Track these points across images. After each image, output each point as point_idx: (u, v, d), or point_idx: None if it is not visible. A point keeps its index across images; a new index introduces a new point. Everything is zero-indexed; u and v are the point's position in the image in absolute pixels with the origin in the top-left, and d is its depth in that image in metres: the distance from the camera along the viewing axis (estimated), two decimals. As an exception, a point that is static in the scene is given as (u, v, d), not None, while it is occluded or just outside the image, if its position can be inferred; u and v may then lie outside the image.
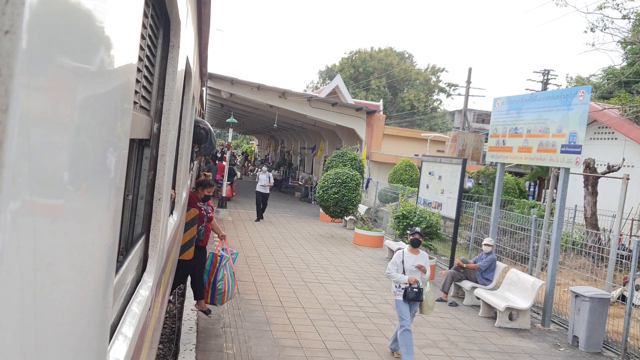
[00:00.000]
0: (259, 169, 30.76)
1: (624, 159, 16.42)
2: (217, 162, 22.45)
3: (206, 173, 7.88)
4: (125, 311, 2.33)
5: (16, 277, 0.69)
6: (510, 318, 9.24)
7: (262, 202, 18.68)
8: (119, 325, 2.14)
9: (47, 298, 0.83)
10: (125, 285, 2.45)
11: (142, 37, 2.19)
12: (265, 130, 43.63)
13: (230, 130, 22.62)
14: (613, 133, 20.13)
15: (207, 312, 7.57)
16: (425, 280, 7.20)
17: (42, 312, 0.81)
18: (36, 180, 0.74)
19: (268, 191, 18.96)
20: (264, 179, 19.05)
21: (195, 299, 7.69)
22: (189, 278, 7.91)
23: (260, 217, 18.60)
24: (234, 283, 7.72)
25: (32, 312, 0.76)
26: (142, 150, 2.90)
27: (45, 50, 0.73)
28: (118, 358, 1.92)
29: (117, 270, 2.07)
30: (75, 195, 0.97)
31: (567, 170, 9.57)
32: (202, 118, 19.69)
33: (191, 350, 6.57)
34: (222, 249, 7.75)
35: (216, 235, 8.21)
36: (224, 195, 18.58)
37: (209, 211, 7.65)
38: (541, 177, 25.94)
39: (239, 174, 27.88)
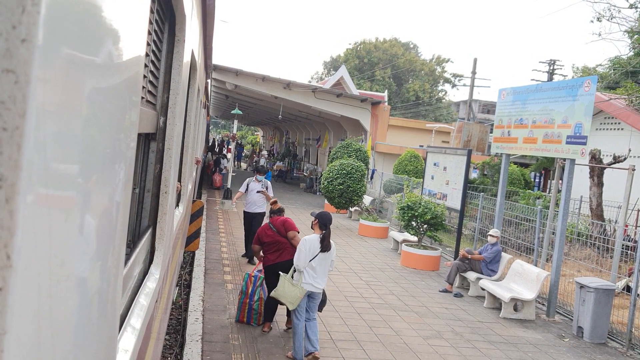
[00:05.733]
0: (257, 163, 28.88)
1: (630, 150, 16.36)
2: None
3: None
4: (134, 303, 2.37)
5: (34, 272, 0.72)
6: (515, 309, 9.26)
7: (252, 229, 10.88)
8: (127, 317, 2.17)
9: (61, 291, 0.86)
10: (133, 278, 2.48)
11: (149, 33, 2.21)
12: (270, 122, 43.62)
13: (235, 121, 22.62)
14: (619, 123, 20.03)
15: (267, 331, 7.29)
16: None
17: (58, 305, 0.84)
18: (51, 178, 0.77)
19: (264, 210, 11.27)
20: (257, 196, 11.36)
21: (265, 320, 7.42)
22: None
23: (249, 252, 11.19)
24: None
25: (48, 305, 0.79)
26: (148, 144, 2.93)
27: (59, 54, 0.76)
28: (127, 348, 1.96)
29: (125, 263, 2.11)
30: (87, 190, 0.99)
31: (572, 161, 9.55)
32: (207, 110, 19.61)
33: (197, 341, 6.63)
34: (258, 270, 7.70)
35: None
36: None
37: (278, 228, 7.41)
38: (547, 167, 25.89)
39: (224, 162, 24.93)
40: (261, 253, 7.65)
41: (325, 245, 6.41)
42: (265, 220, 8.27)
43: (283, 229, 7.42)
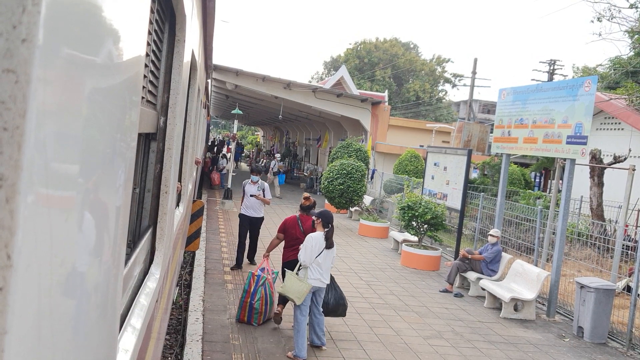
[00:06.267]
0: (258, 162, 28.24)
1: (630, 150, 16.36)
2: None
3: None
4: (134, 303, 2.37)
5: (34, 272, 0.72)
6: (516, 309, 9.26)
7: (249, 235, 10.61)
8: (127, 317, 2.17)
9: (62, 291, 0.86)
10: (133, 278, 2.48)
11: (149, 33, 2.21)
12: (270, 122, 43.62)
13: (236, 121, 22.62)
14: (619, 123, 20.03)
15: (278, 321, 7.55)
16: None
17: (58, 305, 0.84)
18: (51, 178, 0.77)
19: (262, 214, 10.68)
20: (254, 199, 10.50)
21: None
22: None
23: (241, 261, 10.43)
24: (272, 303, 7.61)
25: (48, 305, 0.79)
26: (148, 144, 2.93)
27: (59, 54, 0.76)
28: (127, 348, 1.96)
29: (125, 263, 2.11)
30: (87, 190, 1.00)
31: (572, 161, 9.55)
32: (208, 110, 19.65)
33: (197, 341, 6.63)
34: (261, 270, 7.74)
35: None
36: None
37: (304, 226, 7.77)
38: (547, 167, 25.89)
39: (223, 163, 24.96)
40: (269, 252, 8.00)
41: (330, 242, 6.78)
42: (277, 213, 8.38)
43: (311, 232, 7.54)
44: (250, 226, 10.60)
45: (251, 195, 10.50)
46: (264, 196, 10.55)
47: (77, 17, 0.83)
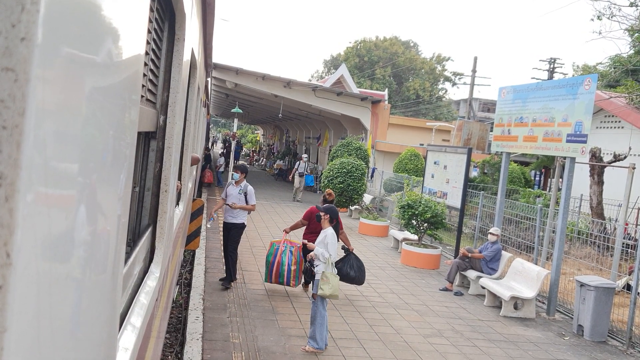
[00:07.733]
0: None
1: (630, 148, 16.36)
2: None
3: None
4: (134, 301, 2.37)
5: (33, 270, 0.72)
6: (515, 307, 9.27)
7: (229, 246, 9.13)
8: (127, 315, 2.17)
9: (61, 289, 0.86)
10: (133, 276, 2.48)
11: (148, 31, 2.21)
12: (270, 120, 43.62)
13: (235, 120, 22.61)
14: (619, 122, 20.02)
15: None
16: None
17: (57, 303, 0.84)
18: (50, 177, 0.77)
19: (241, 220, 9.13)
20: (235, 201, 9.03)
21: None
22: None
23: (230, 278, 9.01)
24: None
25: (48, 303, 0.79)
26: (148, 143, 2.93)
27: (59, 53, 0.76)
28: (127, 347, 1.96)
29: (125, 262, 2.11)
30: (86, 189, 0.99)
31: (572, 159, 9.55)
32: (208, 108, 19.66)
33: (197, 339, 6.64)
34: (285, 245, 8.74)
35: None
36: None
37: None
38: (547, 166, 25.89)
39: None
40: (289, 230, 8.97)
41: (337, 236, 7.25)
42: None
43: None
44: (227, 234, 9.18)
45: (226, 204, 9.09)
46: (246, 201, 9.05)
47: (76, 16, 0.83)
